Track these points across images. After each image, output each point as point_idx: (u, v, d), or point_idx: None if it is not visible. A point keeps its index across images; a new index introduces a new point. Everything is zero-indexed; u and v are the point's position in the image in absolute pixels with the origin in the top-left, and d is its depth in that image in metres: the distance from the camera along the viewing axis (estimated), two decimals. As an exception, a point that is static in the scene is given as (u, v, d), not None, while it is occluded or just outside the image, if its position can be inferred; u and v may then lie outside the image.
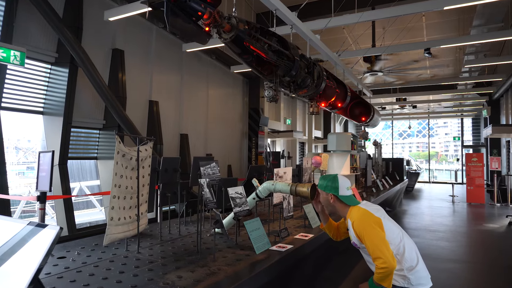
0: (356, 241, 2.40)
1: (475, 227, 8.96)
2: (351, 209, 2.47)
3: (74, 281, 2.10)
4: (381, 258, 2.17)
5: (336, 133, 7.39)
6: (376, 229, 2.29)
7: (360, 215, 2.37)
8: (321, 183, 2.59)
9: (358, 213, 2.38)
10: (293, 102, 17.45)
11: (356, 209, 2.44)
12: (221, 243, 3.05)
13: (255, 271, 2.36)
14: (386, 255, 2.17)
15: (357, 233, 2.33)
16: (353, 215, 2.40)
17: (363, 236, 2.28)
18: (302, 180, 4.75)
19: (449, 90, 16.04)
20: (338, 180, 2.54)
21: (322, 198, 2.60)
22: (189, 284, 2.07)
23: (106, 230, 2.45)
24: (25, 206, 10.09)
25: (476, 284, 4.97)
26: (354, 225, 2.35)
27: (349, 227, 2.45)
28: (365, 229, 2.28)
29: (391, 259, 2.17)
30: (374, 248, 2.21)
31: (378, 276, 2.21)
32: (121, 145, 2.55)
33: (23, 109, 6.94)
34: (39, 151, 4.70)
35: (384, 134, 39.24)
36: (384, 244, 2.22)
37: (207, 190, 2.61)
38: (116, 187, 2.53)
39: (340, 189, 2.50)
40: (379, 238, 2.25)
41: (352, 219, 2.38)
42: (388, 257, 2.17)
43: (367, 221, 2.32)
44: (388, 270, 2.16)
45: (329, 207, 2.58)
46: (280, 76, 4.55)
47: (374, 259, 2.23)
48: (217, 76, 12.02)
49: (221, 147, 12.26)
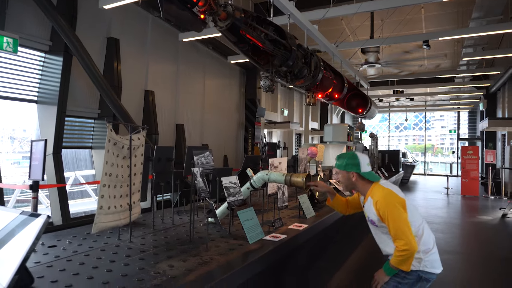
0: (376, 219, 2.36)
1: (469, 219, 9.03)
2: (373, 186, 2.44)
3: (63, 270, 2.08)
4: (403, 239, 2.16)
5: (332, 124, 7.37)
6: (400, 210, 2.26)
7: (385, 194, 2.34)
8: (340, 163, 2.53)
9: (383, 192, 2.35)
10: (290, 93, 17.37)
11: (379, 187, 2.41)
12: (215, 233, 3.04)
13: (248, 260, 2.34)
14: (408, 237, 2.16)
15: (379, 212, 2.30)
16: (377, 193, 2.36)
17: (386, 216, 2.25)
18: (298, 170, 4.73)
19: (446, 83, 16.04)
20: (358, 157, 2.50)
21: (342, 177, 2.54)
22: (181, 274, 2.05)
23: (94, 218, 2.42)
24: (19, 195, 10.04)
25: (470, 275, 5.02)
26: (378, 204, 2.31)
27: (369, 205, 2.41)
28: (390, 209, 2.25)
29: (413, 241, 2.17)
30: (397, 229, 2.20)
31: (398, 259, 2.19)
32: (112, 134, 2.50)
33: (17, 97, 6.85)
34: (31, 140, 4.65)
35: (381, 127, 39.28)
36: (407, 226, 2.21)
37: (200, 179, 2.58)
38: (106, 175, 2.50)
39: (362, 166, 2.46)
40: (403, 220, 2.23)
41: (376, 198, 2.34)
42: (410, 240, 2.16)
43: (392, 201, 2.29)
44: (409, 252, 2.15)
45: (350, 185, 2.53)
46: (276, 66, 4.50)
47: (395, 240, 2.21)
48: (213, 66, 11.92)
49: (217, 138, 12.21)
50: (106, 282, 1.90)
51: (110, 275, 2.01)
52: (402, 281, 2.34)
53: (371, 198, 2.39)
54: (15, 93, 6.72)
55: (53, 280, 1.91)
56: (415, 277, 2.32)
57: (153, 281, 1.93)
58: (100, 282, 1.90)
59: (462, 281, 4.73)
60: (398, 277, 2.34)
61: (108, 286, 1.86)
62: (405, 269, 2.23)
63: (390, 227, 2.24)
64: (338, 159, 2.58)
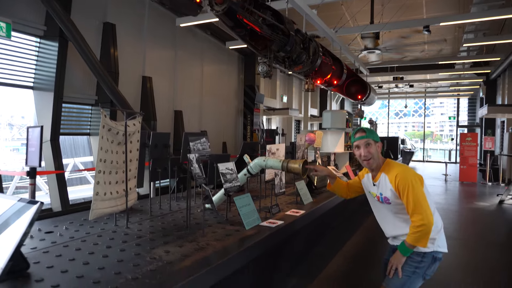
0: (392, 195, 2.31)
1: (466, 205, 9.08)
2: (388, 162, 2.41)
3: (60, 256, 2.08)
4: (421, 214, 2.13)
5: (331, 110, 7.32)
6: (420, 185, 2.24)
7: (404, 168, 2.32)
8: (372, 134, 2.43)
9: (402, 167, 2.33)
10: (289, 80, 17.25)
11: (394, 163, 2.39)
12: (211, 219, 3.04)
13: (244, 246, 2.35)
14: (427, 212, 2.14)
15: (399, 186, 2.23)
16: (394, 168, 2.33)
17: (406, 190, 2.19)
18: (296, 157, 4.72)
19: (446, 70, 15.92)
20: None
21: (375, 149, 2.41)
22: (177, 259, 2.06)
23: (91, 205, 2.41)
24: (19, 182, 10.06)
25: (467, 260, 5.06)
26: (398, 178, 2.24)
27: (383, 181, 2.35)
28: (412, 183, 2.21)
29: (431, 216, 2.14)
30: (416, 204, 2.15)
31: (415, 236, 2.16)
32: (106, 119, 2.48)
33: (13, 83, 6.78)
34: (27, 126, 4.62)
35: (380, 113, 39.22)
36: (425, 201, 2.18)
37: (196, 165, 2.56)
38: (101, 161, 2.48)
39: None
40: (422, 194, 2.20)
41: (394, 172, 2.29)
42: (428, 214, 2.13)
43: (412, 175, 2.26)
44: (426, 227, 2.13)
45: (377, 158, 2.40)
46: (274, 51, 4.44)
47: (412, 215, 2.18)
48: (212, 52, 11.79)
49: (216, 124, 12.17)
50: (102, 268, 1.90)
51: (106, 261, 2.01)
52: (419, 265, 2.31)
53: (385, 174, 2.34)
54: (11, 79, 6.65)
55: (49, 266, 1.91)
56: (430, 258, 2.32)
57: (149, 266, 1.94)
58: (95, 267, 1.91)
59: (459, 266, 4.78)
60: (414, 261, 2.31)
61: (104, 271, 1.86)
62: (422, 245, 2.19)
63: (409, 201, 2.18)
64: (366, 130, 2.46)
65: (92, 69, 7.17)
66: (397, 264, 2.30)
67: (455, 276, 4.42)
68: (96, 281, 1.73)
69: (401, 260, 2.30)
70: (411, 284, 2.33)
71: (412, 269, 2.32)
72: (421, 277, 2.34)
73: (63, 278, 1.76)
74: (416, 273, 2.32)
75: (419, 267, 2.32)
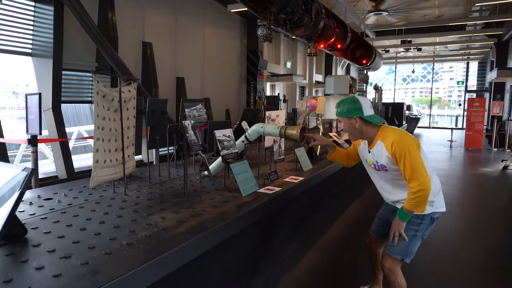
0: (388, 162, 2.28)
1: (470, 171, 9.06)
2: (383, 128, 2.35)
3: (57, 222, 2.10)
4: (419, 179, 2.11)
5: (334, 76, 7.14)
6: (417, 151, 2.21)
7: (401, 133, 2.26)
8: (341, 109, 2.39)
9: (398, 132, 2.27)
10: (293, 45, 16.82)
11: (390, 128, 2.33)
12: (210, 186, 3.05)
13: (240, 212, 2.36)
14: (424, 177, 2.11)
15: (395, 153, 2.20)
16: (390, 134, 2.27)
17: (403, 155, 2.16)
18: (297, 123, 4.67)
19: (456, 32, 15.35)
20: (360, 100, 2.36)
21: (345, 125, 2.41)
22: (172, 225, 2.07)
23: (91, 172, 2.41)
24: (25, 150, 10.20)
25: (471, 225, 5.12)
26: (394, 144, 2.20)
27: (379, 149, 2.31)
28: (408, 149, 2.17)
29: (428, 181, 2.12)
30: (414, 170, 2.13)
31: (414, 201, 2.15)
32: (100, 85, 2.42)
33: (10, 50, 6.67)
34: (25, 94, 4.58)
35: (387, 79, 38.53)
36: (423, 166, 2.15)
37: (191, 132, 2.53)
38: (99, 129, 2.45)
39: (364, 109, 2.34)
40: (419, 159, 2.17)
41: (390, 138, 2.24)
42: (425, 179, 2.11)
43: (409, 140, 2.22)
44: (425, 192, 2.11)
45: (355, 133, 2.41)
46: (274, 13, 4.27)
47: (410, 181, 2.16)
48: (213, 17, 11.44)
49: (219, 91, 12.04)
50: (98, 233, 1.92)
51: (102, 227, 2.04)
52: (419, 228, 2.35)
53: (381, 141, 2.29)
54: (8, 45, 6.54)
55: (47, 231, 1.94)
56: (429, 220, 2.35)
57: (144, 232, 1.96)
58: (92, 233, 1.93)
59: (463, 231, 4.84)
60: (414, 224, 2.34)
61: (99, 237, 1.88)
62: (420, 211, 2.20)
63: (406, 166, 2.15)
64: (338, 105, 2.43)
65: (90, 33, 7.01)
66: (400, 230, 2.33)
67: (458, 241, 4.47)
68: (91, 246, 1.75)
69: (402, 226, 2.32)
70: (413, 247, 2.38)
71: (412, 233, 2.36)
72: (420, 238, 2.40)
73: (60, 244, 1.78)
74: (416, 236, 2.37)
75: (418, 229, 2.36)
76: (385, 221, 2.66)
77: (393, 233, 2.35)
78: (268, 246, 3.34)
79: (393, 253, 2.38)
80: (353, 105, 2.36)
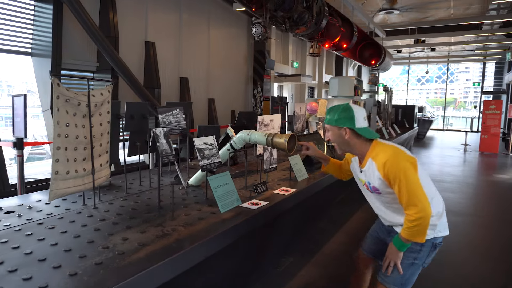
0: (381, 185, 1.97)
1: (484, 178, 8.61)
2: (374, 145, 2.02)
3: (5, 242, 1.87)
4: (417, 206, 1.80)
5: (338, 77, 6.81)
6: (413, 171, 1.88)
7: (394, 153, 1.94)
8: (330, 117, 2.11)
9: (391, 151, 1.95)
10: (302, 44, 16.46)
11: (382, 145, 2.01)
12: (191, 198, 2.79)
13: (216, 232, 2.09)
14: (423, 202, 1.81)
15: (389, 175, 1.91)
16: (382, 153, 1.96)
17: (398, 179, 1.86)
18: (294, 128, 4.38)
19: (472, 31, 14.77)
20: (353, 109, 2.05)
21: (332, 135, 2.13)
22: (131, 249, 1.82)
23: (50, 185, 2.18)
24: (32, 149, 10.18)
25: (481, 240, 4.72)
26: (387, 165, 1.91)
27: (371, 169, 2.01)
28: (404, 171, 1.86)
29: (428, 206, 1.81)
30: (411, 195, 1.83)
31: (412, 230, 1.84)
32: (61, 88, 2.18)
33: (11, 50, 6.57)
34: (12, 95, 4.40)
35: (401, 79, 37.81)
36: (421, 189, 1.84)
37: (163, 141, 2.27)
38: (60, 137, 2.21)
39: (357, 120, 2.04)
40: (416, 182, 1.85)
41: (382, 158, 1.93)
42: (425, 204, 1.81)
43: (403, 161, 1.90)
44: (424, 220, 1.80)
45: (343, 144, 2.13)
46: (271, 10, 3.99)
47: (407, 207, 1.85)
48: (219, 15, 11.20)
49: (224, 92, 11.79)
50: (43, 259, 1.68)
51: (51, 250, 1.79)
52: (418, 256, 2.04)
53: (373, 160, 1.99)
54: (8, 45, 6.44)
55: (-12, 255, 1.70)
56: (430, 246, 2.04)
57: (96, 258, 1.71)
58: (36, 259, 1.69)
59: (470, 246, 4.45)
60: (413, 251, 2.03)
61: (42, 265, 1.64)
62: (419, 240, 1.89)
63: (401, 192, 1.86)
64: (328, 112, 2.15)
65: (89, 32, 6.84)
66: (395, 260, 2.01)
67: (472, 259, 4.09)
68: (27, 277, 1.50)
69: (398, 256, 2.00)
70: (410, 276, 2.07)
71: (410, 261, 2.05)
72: (420, 266, 2.09)
73: (-5, 272, 1.55)
74: (415, 264, 2.05)
75: (417, 257, 2.05)
76: (380, 239, 2.38)
77: (387, 263, 2.04)
78: (256, 262, 3.07)
79: (387, 282, 2.08)
80: (344, 113, 2.06)
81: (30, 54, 6.95)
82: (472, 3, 12.56)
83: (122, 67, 7.33)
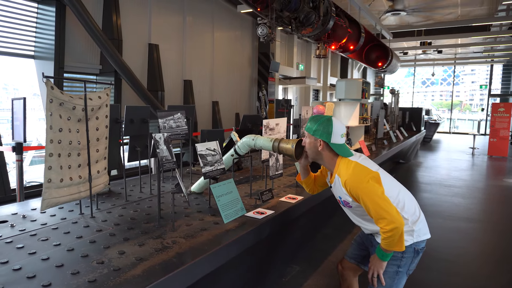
0: (350, 200, 2.00)
1: (494, 182, 8.40)
2: (340, 161, 2.04)
3: (-6, 256, 1.75)
4: (386, 218, 1.80)
5: (345, 79, 6.67)
6: (375, 185, 1.89)
7: (354, 171, 1.95)
8: (310, 126, 2.13)
9: (350, 168, 1.96)
10: (307, 46, 16.33)
11: (346, 162, 2.01)
12: (194, 206, 2.66)
13: (220, 244, 1.95)
14: (391, 214, 1.81)
15: (351, 192, 1.94)
16: (344, 170, 1.98)
17: (360, 195, 1.90)
18: (300, 133, 4.24)
19: (480, 33, 14.54)
20: (333, 124, 2.07)
21: (308, 143, 2.16)
22: (127, 265, 1.69)
23: (42, 193, 2.05)
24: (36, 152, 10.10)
25: (490, 247, 4.54)
26: (347, 183, 1.94)
27: (338, 184, 2.03)
28: (363, 187, 1.89)
29: (397, 216, 1.81)
30: (377, 208, 1.84)
31: (388, 241, 1.85)
32: (54, 92, 2.07)
33: (14, 53, 6.51)
34: (12, 98, 4.30)
35: (406, 82, 37.54)
36: (386, 201, 1.85)
37: (163, 147, 2.14)
38: (52, 143, 2.09)
39: (334, 135, 2.06)
40: (379, 196, 1.86)
41: (344, 177, 1.96)
42: (393, 215, 1.81)
43: (363, 178, 1.91)
44: (397, 230, 1.80)
45: (314, 154, 2.15)
46: (276, 11, 3.86)
47: (377, 221, 1.86)
48: (223, 17, 11.10)
49: (229, 94, 11.68)
50: (32, 276, 1.55)
51: (42, 265, 1.67)
52: (401, 263, 2.04)
53: (339, 176, 2.02)
54: (11, 48, 6.37)
55: (-27, 271, 1.58)
56: (412, 252, 2.04)
57: (89, 275, 1.58)
58: (25, 275, 1.56)
59: (481, 254, 4.28)
60: (395, 259, 2.03)
61: (31, 282, 1.51)
62: (399, 249, 1.88)
63: (368, 207, 1.90)
64: (310, 121, 2.18)
65: (91, 34, 6.76)
66: (378, 270, 2.01)
67: (482, 268, 3.93)
68: (12, 298, 1.38)
69: (381, 265, 2.00)
70: (397, 285, 2.07)
71: (394, 269, 2.04)
72: (405, 274, 2.09)
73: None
74: (399, 272, 2.05)
75: (401, 265, 2.04)
76: (365, 245, 2.35)
77: (371, 274, 2.02)
78: (261, 273, 2.93)
79: None
80: (323, 126, 2.08)
81: (33, 57, 6.89)
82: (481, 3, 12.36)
83: (125, 70, 7.25)
